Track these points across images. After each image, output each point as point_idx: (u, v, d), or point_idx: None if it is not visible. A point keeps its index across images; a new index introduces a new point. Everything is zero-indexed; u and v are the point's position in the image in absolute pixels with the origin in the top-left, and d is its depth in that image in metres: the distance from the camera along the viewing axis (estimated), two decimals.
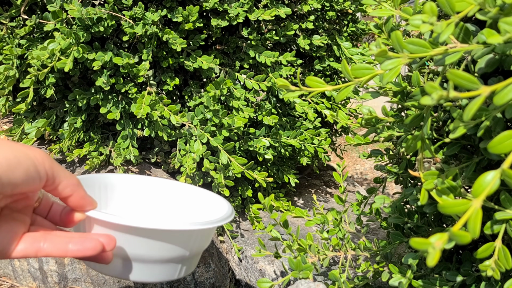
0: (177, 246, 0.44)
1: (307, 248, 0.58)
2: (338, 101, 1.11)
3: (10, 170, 0.32)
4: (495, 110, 0.31)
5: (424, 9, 0.29)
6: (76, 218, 0.40)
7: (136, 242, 0.42)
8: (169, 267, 0.46)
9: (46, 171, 0.35)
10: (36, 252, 0.36)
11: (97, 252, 0.37)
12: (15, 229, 0.36)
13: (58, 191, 0.37)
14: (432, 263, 0.22)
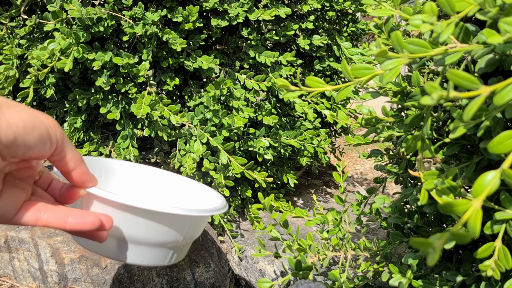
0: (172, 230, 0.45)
1: (307, 248, 0.58)
2: (338, 101, 1.11)
3: (25, 133, 0.33)
4: (495, 110, 0.31)
5: (424, 9, 0.29)
6: (76, 194, 0.40)
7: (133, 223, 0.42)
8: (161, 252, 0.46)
9: (57, 139, 0.35)
10: (36, 221, 0.36)
11: (95, 227, 0.38)
12: (18, 195, 0.36)
13: (63, 162, 0.37)
14: (432, 263, 0.22)
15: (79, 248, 0.73)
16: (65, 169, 0.38)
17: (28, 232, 0.75)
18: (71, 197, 0.40)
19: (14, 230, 0.75)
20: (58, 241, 0.74)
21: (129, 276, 0.71)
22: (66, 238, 0.74)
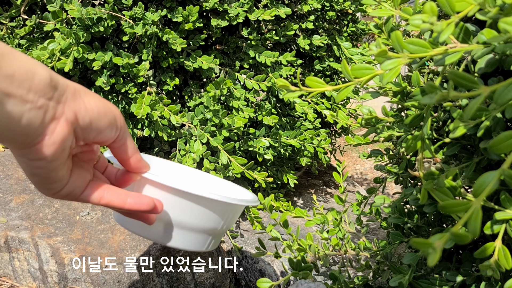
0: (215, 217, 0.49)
1: (307, 248, 0.58)
2: (338, 101, 1.11)
3: (98, 118, 0.36)
4: (495, 110, 0.31)
5: (424, 9, 0.29)
6: (131, 178, 0.44)
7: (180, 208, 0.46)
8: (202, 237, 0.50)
9: (121, 126, 0.39)
10: (100, 199, 0.40)
11: (150, 208, 0.42)
12: (84, 175, 0.40)
13: (122, 149, 0.41)
14: (433, 263, 0.22)
15: (79, 248, 0.73)
16: (123, 156, 0.42)
17: (28, 232, 0.75)
18: (125, 181, 0.44)
19: (14, 230, 0.75)
20: (58, 241, 0.74)
21: (129, 276, 0.71)
22: (66, 238, 0.74)
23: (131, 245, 0.74)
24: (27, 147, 0.33)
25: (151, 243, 0.75)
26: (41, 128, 0.33)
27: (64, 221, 0.79)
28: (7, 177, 0.89)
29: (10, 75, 0.31)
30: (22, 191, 0.85)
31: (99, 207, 0.83)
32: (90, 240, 0.75)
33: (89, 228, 0.78)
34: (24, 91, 0.31)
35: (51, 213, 0.80)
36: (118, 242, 0.75)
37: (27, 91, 0.31)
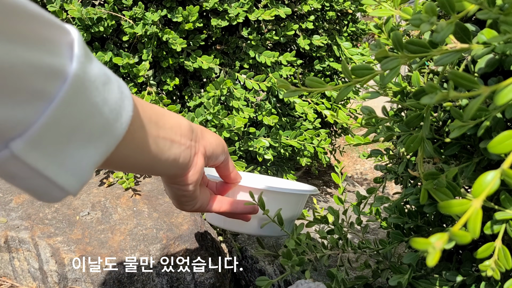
0: (295, 207, 0.63)
1: (303, 244, 0.58)
2: (338, 101, 1.11)
3: (216, 149, 0.49)
4: (495, 110, 0.31)
5: (424, 9, 0.29)
6: (229, 188, 0.58)
7: (269, 204, 0.58)
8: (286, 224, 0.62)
9: (227, 152, 0.52)
10: (219, 208, 0.54)
11: (253, 210, 0.56)
12: (206, 192, 0.53)
13: (226, 168, 0.54)
14: (432, 263, 0.22)
15: (79, 248, 0.73)
16: (226, 172, 0.56)
17: (28, 232, 0.75)
18: (225, 190, 0.58)
19: (14, 230, 0.75)
20: (58, 241, 0.74)
21: (129, 276, 0.71)
22: (66, 238, 0.74)
23: (131, 245, 0.74)
24: (180, 176, 0.45)
25: (151, 243, 0.75)
26: (189, 161, 0.44)
27: (64, 221, 0.79)
28: None
29: (170, 127, 0.42)
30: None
31: (99, 207, 0.83)
32: (90, 240, 0.75)
33: (89, 228, 0.78)
34: (180, 137, 0.43)
35: (51, 213, 0.80)
36: (118, 242, 0.75)
37: (181, 136, 0.43)
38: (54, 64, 0.26)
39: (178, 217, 0.82)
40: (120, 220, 0.80)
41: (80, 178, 0.30)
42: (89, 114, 0.29)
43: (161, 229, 0.78)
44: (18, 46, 0.24)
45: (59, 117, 0.27)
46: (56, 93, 0.26)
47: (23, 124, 0.25)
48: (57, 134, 0.27)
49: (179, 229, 0.78)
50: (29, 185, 0.28)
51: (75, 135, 0.28)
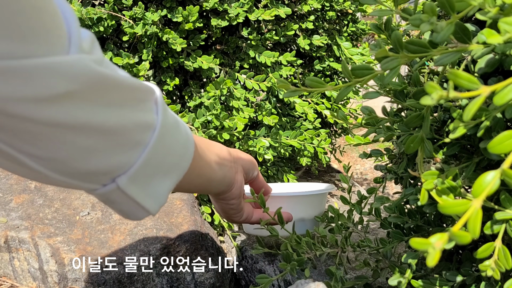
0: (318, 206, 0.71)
1: (303, 244, 0.58)
2: (338, 101, 1.11)
3: (251, 167, 0.59)
4: (495, 110, 0.31)
5: (424, 9, 0.29)
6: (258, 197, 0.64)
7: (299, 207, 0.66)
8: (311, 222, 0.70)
9: (257, 168, 0.62)
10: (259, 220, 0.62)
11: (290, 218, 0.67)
12: (249, 205, 0.62)
13: (257, 181, 0.64)
14: (432, 263, 0.22)
15: (79, 248, 0.73)
16: (258, 186, 0.65)
17: (28, 232, 0.75)
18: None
19: (14, 230, 0.75)
20: (58, 241, 0.74)
21: (129, 276, 0.71)
22: (66, 238, 0.75)
23: (131, 245, 0.74)
24: (226, 192, 0.54)
25: (151, 243, 0.75)
26: (233, 179, 0.54)
27: (64, 221, 0.79)
28: (7, 177, 0.89)
29: (217, 153, 0.51)
30: (22, 191, 0.85)
31: (99, 207, 0.83)
32: (90, 240, 0.75)
33: (89, 228, 0.78)
34: (224, 160, 0.52)
35: (51, 213, 0.80)
36: (118, 242, 0.75)
37: (224, 160, 0.52)
38: (147, 120, 0.36)
39: (178, 217, 0.82)
40: (120, 220, 0.80)
41: (159, 202, 0.40)
42: (167, 153, 0.38)
43: (161, 229, 0.78)
44: (126, 110, 0.33)
45: (150, 158, 0.36)
46: (148, 141, 0.36)
47: (127, 165, 0.35)
48: (148, 171, 0.37)
49: (179, 229, 0.78)
50: (123, 208, 0.38)
51: (158, 170, 0.38)
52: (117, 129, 0.32)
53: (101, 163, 0.33)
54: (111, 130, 0.32)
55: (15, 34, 0.25)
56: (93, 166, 0.33)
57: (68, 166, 0.32)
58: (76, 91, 0.28)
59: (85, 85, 0.29)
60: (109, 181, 0.35)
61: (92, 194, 0.37)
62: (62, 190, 0.87)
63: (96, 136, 0.31)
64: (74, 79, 0.28)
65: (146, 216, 0.39)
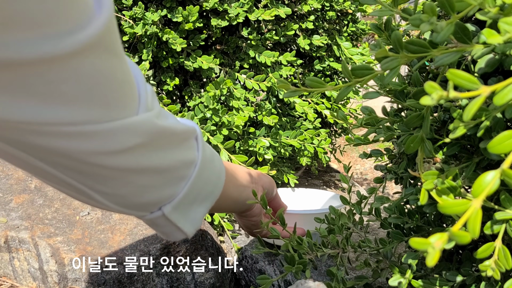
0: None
1: (304, 245, 0.58)
2: (338, 101, 1.11)
3: (270, 187, 0.65)
4: (495, 110, 0.31)
5: (424, 9, 0.29)
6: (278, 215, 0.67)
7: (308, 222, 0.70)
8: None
9: (276, 188, 0.68)
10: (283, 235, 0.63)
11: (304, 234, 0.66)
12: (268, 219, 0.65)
13: (275, 201, 0.70)
14: (432, 263, 0.22)
15: (79, 248, 0.73)
16: (275, 205, 0.70)
17: (28, 232, 0.75)
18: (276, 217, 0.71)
19: (14, 230, 0.75)
20: (58, 241, 0.74)
21: (129, 276, 0.71)
22: (66, 238, 0.75)
23: (131, 245, 0.74)
24: (249, 211, 0.61)
25: (151, 243, 0.75)
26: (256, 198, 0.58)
27: (64, 221, 0.79)
28: (7, 177, 0.89)
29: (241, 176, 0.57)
30: (22, 191, 0.85)
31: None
32: (90, 240, 0.75)
33: (89, 228, 0.78)
34: (247, 182, 0.58)
35: (51, 213, 0.80)
36: (118, 242, 0.75)
37: (247, 182, 0.58)
38: (190, 157, 0.42)
39: None
40: (120, 220, 0.80)
41: (195, 226, 0.46)
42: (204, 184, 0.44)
43: None
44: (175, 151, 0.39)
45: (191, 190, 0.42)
46: (191, 175, 0.42)
47: (172, 196, 0.41)
48: (188, 200, 0.43)
49: None
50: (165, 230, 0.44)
51: (196, 199, 0.44)
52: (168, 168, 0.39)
53: (153, 196, 0.39)
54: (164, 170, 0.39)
55: (103, 104, 0.31)
56: (146, 199, 0.39)
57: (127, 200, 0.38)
58: (142, 143, 0.35)
59: (149, 138, 0.35)
60: (156, 209, 0.41)
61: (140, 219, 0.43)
62: None
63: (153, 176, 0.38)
64: (141, 134, 0.35)
65: (183, 237, 0.45)
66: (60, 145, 0.31)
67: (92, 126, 0.31)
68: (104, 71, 0.30)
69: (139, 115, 0.34)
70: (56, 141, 0.30)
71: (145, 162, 0.36)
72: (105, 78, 0.30)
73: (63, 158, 0.32)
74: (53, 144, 0.31)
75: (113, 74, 0.31)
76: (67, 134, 0.30)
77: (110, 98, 0.31)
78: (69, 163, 0.33)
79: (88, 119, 0.31)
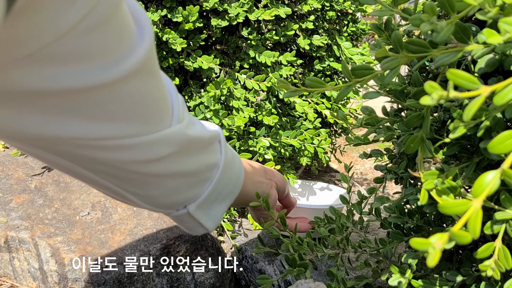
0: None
1: (305, 245, 0.58)
2: (338, 101, 1.11)
3: (283, 184, 0.66)
4: (495, 110, 0.31)
5: (424, 9, 0.29)
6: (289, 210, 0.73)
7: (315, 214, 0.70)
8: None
9: (287, 187, 0.69)
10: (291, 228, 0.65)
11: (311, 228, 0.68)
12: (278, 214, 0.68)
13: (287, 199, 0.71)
14: (432, 263, 0.22)
15: (79, 248, 0.73)
16: (287, 202, 0.71)
17: (28, 232, 0.75)
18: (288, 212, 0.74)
19: (14, 230, 0.75)
20: (58, 241, 0.74)
21: (129, 276, 0.71)
22: (66, 238, 0.74)
23: (131, 245, 0.74)
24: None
25: (151, 243, 0.75)
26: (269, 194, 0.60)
27: (64, 221, 0.79)
28: (7, 177, 0.89)
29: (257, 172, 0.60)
30: (22, 191, 0.85)
31: (99, 207, 0.83)
32: (90, 240, 0.75)
33: (89, 228, 0.78)
34: (262, 178, 0.61)
35: (51, 213, 0.80)
36: (118, 242, 0.75)
37: (262, 177, 0.61)
38: (214, 160, 0.46)
39: None
40: (120, 220, 0.80)
41: (216, 222, 0.49)
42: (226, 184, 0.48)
43: (161, 229, 0.78)
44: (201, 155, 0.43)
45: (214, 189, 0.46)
46: (214, 176, 0.46)
47: (196, 196, 0.45)
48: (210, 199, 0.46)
49: (179, 229, 0.78)
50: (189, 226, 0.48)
51: (218, 198, 0.48)
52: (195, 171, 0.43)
53: (180, 197, 0.44)
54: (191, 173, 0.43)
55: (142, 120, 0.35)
56: (174, 199, 0.44)
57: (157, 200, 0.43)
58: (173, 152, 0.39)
59: (180, 147, 0.39)
60: (182, 207, 0.45)
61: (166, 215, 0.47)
62: (62, 190, 0.87)
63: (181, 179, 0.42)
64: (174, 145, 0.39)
65: (204, 232, 0.50)
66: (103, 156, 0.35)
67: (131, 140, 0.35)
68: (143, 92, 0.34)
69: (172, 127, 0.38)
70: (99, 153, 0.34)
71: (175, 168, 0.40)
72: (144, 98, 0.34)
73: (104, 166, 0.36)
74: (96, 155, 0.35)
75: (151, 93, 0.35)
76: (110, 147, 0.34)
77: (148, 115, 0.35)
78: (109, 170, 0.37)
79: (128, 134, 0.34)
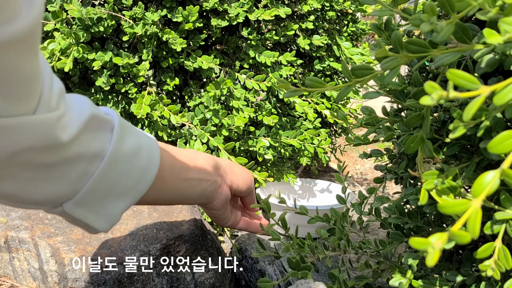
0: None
1: (306, 248, 0.58)
2: (338, 101, 1.11)
3: (243, 183, 0.61)
4: (495, 110, 0.31)
5: (424, 8, 0.29)
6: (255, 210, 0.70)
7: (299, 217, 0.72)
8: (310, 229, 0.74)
9: (253, 186, 0.64)
10: (247, 227, 0.66)
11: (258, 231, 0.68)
12: (238, 213, 0.65)
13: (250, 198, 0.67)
14: (432, 263, 0.22)
15: (79, 248, 0.73)
16: (249, 201, 0.67)
17: (28, 232, 0.75)
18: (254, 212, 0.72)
19: (14, 230, 0.75)
20: (58, 241, 0.74)
21: (129, 276, 0.71)
22: (66, 238, 0.74)
23: (131, 245, 0.74)
24: (208, 204, 0.58)
25: (151, 243, 0.75)
26: (215, 193, 0.57)
27: (64, 221, 0.79)
28: None
29: (199, 168, 0.53)
30: None
31: None
32: (90, 240, 0.75)
33: None
34: (206, 175, 0.54)
35: None
36: (118, 242, 0.75)
37: (207, 174, 0.54)
38: (94, 150, 0.38)
39: (178, 217, 0.82)
40: (120, 220, 0.80)
41: (110, 222, 0.43)
42: (119, 179, 0.41)
43: (161, 229, 0.78)
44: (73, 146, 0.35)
45: (98, 185, 0.39)
46: (95, 170, 0.38)
47: (72, 193, 0.38)
48: (95, 197, 0.40)
49: (179, 229, 0.78)
50: (76, 224, 0.42)
51: (108, 195, 0.41)
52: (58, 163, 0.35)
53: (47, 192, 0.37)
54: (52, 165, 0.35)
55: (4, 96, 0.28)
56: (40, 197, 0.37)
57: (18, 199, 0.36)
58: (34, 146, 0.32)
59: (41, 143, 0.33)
60: (58, 205, 0.39)
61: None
62: None
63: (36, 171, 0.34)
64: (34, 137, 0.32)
65: (98, 232, 0.44)
66: None
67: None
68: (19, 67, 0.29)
69: (37, 115, 0.31)
70: None
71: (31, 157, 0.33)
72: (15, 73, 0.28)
73: None
74: None
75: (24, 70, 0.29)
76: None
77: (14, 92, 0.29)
78: None
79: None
